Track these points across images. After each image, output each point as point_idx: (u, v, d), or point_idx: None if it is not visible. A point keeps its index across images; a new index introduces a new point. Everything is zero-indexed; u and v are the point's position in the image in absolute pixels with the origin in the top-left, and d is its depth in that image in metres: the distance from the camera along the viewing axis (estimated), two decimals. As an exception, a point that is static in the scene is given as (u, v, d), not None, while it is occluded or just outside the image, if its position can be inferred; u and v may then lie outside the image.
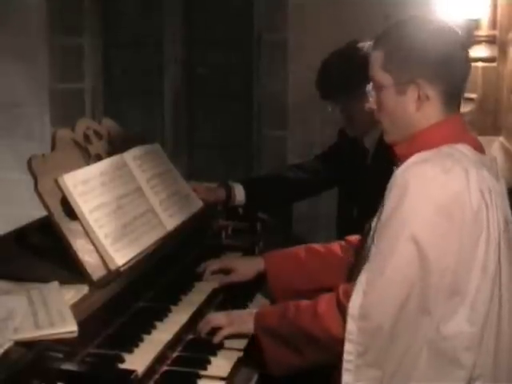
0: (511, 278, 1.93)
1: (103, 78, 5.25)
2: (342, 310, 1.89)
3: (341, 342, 1.87)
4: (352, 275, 2.08)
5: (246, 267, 2.43)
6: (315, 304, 1.98)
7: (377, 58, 2.01)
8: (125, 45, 5.20)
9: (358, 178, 2.94)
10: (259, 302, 2.41)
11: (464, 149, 1.95)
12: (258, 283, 2.44)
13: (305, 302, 2.03)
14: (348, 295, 1.89)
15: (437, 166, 1.87)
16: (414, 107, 1.97)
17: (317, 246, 2.43)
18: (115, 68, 5.24)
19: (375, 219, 1.99)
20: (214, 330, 2.11)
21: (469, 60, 2.04)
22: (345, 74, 2.75)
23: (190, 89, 5.19)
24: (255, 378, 2.05)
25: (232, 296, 2.40)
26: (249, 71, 4.96)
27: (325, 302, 1.97)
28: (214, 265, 2.46)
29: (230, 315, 2.15)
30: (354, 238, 2.39)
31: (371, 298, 1.84)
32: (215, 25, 5.08)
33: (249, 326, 2.09)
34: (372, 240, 1.94)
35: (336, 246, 2.42)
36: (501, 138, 3.56)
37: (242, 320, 2.11)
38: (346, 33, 3.38)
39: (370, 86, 2.06)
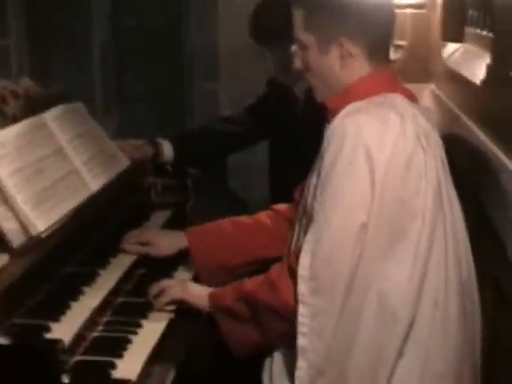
0: (454, 225, 1.92)
1: (28, 34, 5.10)
2: (293, 276, 1.85)
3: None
4: (292, 239, 2.05)
5: (166, 243, 2.32)
6: (269, 275, 1.94)
7: (298, 18, 1.98)
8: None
9: (287, 128, 2.91)
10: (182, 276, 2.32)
11: (397, 98, 1.93)
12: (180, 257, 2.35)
13: (259, 277, 1.98)
14: (298, 259, 1.85)
15: (371, 115, 1.86)
16: (338, 65, 1.95)
17: (242, 219, 2.35)
18: (41, 24, 5.08)
19: (314, 175, 1.94)
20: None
21: (392, 11, 2.02)
22: (281, 15, 2.61)
23: (119, 42, 5.08)
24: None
25: (154, 269, 2.30)
26: (178, 23, 4.88)
27: (277, 271, 1.93)
28: (132, 237, 2.33)
29: (186, 284, 2.11)
30: (282, 206, 2.34)
31: (321, 255, 1.81)
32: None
33: (204, 304, 2.03)
34: (312, 197, 1.90)
35: (263, 216, 2.34)
36: (431, 85, 3.56)
37: (198, 295, 2.06)
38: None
39: (294, 47, 2.03)
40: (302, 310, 1.82)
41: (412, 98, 2.00)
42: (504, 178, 2.03)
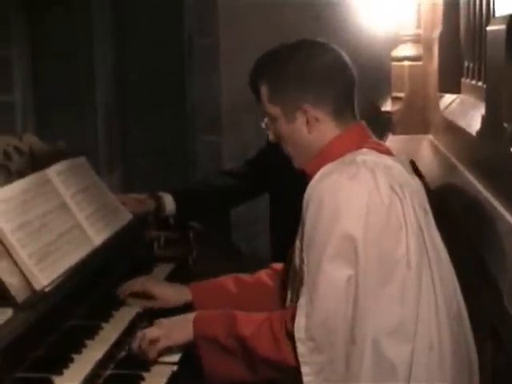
0: (439, 267, 1.95)
1: (33, 89, 5.15)
2: (291, 338, 1.87)
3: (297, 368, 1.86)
4: (285, 298, 2.08)
5: (172, 297, 2.32)
6: (272, 329, 1.93)
7: (263, 92, 2.08)
8: (54, 55, 5.11)
9: (287, 181, 2.93)
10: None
11: (367, 153, 1.99)
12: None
13: (255, 319, 1.98)
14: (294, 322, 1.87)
15: (342, 174, 1.91)
16: (306, 131, 2.03)
17: (244, 277, 2.37)
18: (46, 78, 5.15)
19: (298, 238, 1.98)
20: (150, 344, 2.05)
21: (351, 70, 2.08)
22: None
23: (123, 96, 5.13)
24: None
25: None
26: (181, 77, 4.94)
27: (279, 325, 1.92)
28: (135, 286, 2.35)
29: (166, 325, 2.07)
30: (279, 266, 2.36)
31: (314, 316, 1.84)
32: (145, 31, 5.04)
33: (189, 336, 2.03)
34: (300, 260, 1.94)
35: (263, 275, 2.37)
36: (430, 136, 3.60)
37: (181, 326, 2.05)
38: (278, 34, 3.39)
39: (265, 120, 2.10)
40: (305, 370, 1.84)
41: (384, 150, 2.05)
42: (500, 226, 2.05)
